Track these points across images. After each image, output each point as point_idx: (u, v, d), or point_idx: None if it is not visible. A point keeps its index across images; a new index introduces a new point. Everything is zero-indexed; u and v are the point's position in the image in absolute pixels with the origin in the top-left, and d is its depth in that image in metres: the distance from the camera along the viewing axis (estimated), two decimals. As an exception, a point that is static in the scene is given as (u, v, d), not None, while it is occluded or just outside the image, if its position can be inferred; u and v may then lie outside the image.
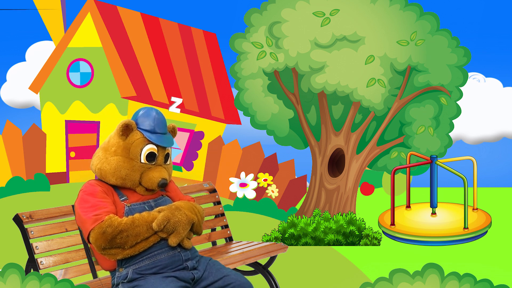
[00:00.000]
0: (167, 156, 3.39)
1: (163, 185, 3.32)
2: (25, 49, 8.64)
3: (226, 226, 5.06)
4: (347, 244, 6.61)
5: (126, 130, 3.32)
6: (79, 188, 3.38)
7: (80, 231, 3.75)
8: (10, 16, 8.50)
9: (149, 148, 3.31)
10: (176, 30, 8.61)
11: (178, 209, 3.29)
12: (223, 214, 5.08)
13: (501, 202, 8.48)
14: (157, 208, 3.31)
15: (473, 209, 6.97)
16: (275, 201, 7.66)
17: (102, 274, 3.88)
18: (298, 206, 7.71)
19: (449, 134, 7.20)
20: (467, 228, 6.61)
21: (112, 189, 3.34)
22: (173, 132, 3.48)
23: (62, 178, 8.36)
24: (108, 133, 7.79)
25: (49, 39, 8.51)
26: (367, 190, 7.96)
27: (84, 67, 8.30)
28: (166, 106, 8.11)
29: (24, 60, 8.71)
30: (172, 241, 3.26)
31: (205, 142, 8.36)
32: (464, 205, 6.59)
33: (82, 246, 3.88)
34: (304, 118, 7.41)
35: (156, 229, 3.22)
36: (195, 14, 8.46)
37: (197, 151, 8.33)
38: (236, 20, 7.58)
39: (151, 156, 3.31)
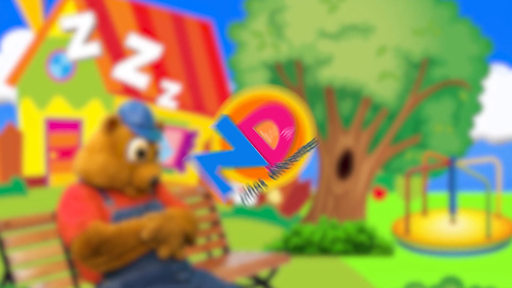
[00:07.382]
0: (156, 152, 3.39)
1: (155, 182, 3.31)
2: (0, 39, 8.64)
3: (223, 235, 5.06)
4: (357, 254, 6.62)
5: (111, 125, 3.31)
6: (60, 193, 3.36)
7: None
8: (-16, 3, 8.50)
9: (138, 143, 3.31)
10: (168, 19, 8.61)
11: (171, 218, 3.27)
12: (219, 222, 5.07)
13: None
14: (147, 216, 3.29)
15: (497, 216, 6.98)
16: (277, 208, 7.66)
17: (86, 287, 3.87)
18: (302, 213, 7.72)
19: (470, 133, 7.23)
20: (490, 237, 6.62)
21: (97, 193, 3.33)
22: (160, 128, 3.48)
23: (41, 181, 8.36)
24: (92, 131, 7.78)
25: (27, 27, 8.52)
26: (379, 194, 7.97)
27: (65, 59, 8.31)
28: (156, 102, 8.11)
29: (-1, 51, 8.72)
30: (163, 252, 3.24)
31: (199, 141, 8.36)
32: (487, 211, 6.61)
33: (63, 256, 3.87)
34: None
35: (146, 239, 3.20)
36: (189, 0, 8.48)
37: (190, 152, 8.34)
38: (234, 6, 7.59)
39: (140, 152, 3.31)
